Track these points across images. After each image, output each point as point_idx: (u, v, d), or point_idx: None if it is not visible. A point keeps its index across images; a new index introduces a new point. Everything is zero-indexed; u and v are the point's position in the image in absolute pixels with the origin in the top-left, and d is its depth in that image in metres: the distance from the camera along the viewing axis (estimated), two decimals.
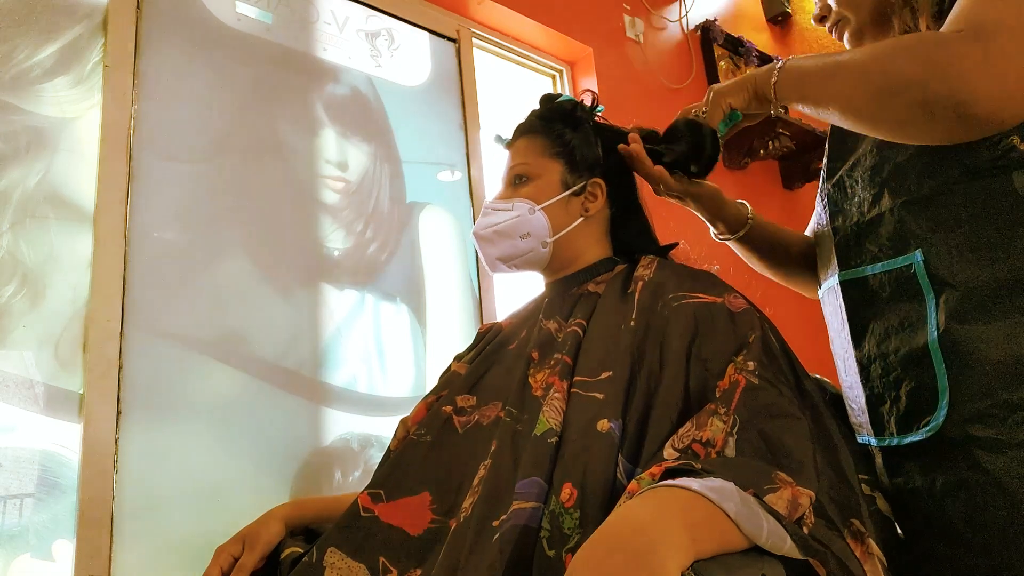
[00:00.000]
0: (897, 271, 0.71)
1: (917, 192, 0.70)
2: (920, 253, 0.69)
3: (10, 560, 0.92)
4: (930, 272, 0.68)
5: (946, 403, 0.65)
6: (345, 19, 1.53)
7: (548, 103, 1.00)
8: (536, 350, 0.85)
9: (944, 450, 0.66)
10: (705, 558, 0.51)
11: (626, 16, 2.22)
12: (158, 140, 1.17)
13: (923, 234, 0.69)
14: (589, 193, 0.94)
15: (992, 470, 0.62)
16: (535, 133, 0.96)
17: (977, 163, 0.66)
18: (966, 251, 0.66)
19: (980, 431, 0.63)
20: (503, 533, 0.65)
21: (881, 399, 0.73)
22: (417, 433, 0.86)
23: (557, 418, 0.73)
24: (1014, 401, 0.61)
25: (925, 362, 0.67)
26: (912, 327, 0.69)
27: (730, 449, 0.62)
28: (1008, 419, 0.62)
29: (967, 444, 0.64)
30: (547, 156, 0.94)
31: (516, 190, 0.94)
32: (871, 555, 0.59)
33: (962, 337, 0.65)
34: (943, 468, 0.66)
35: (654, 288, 0.82)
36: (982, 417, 0.63)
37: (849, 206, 0.78)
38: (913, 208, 0.70)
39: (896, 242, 0.72)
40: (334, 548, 0.76)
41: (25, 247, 1.02)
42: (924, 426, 0.67)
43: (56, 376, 1.00)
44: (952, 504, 0.65)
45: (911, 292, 0.70)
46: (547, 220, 0.91)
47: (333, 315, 1.33)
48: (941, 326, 0.66)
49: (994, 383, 0.63)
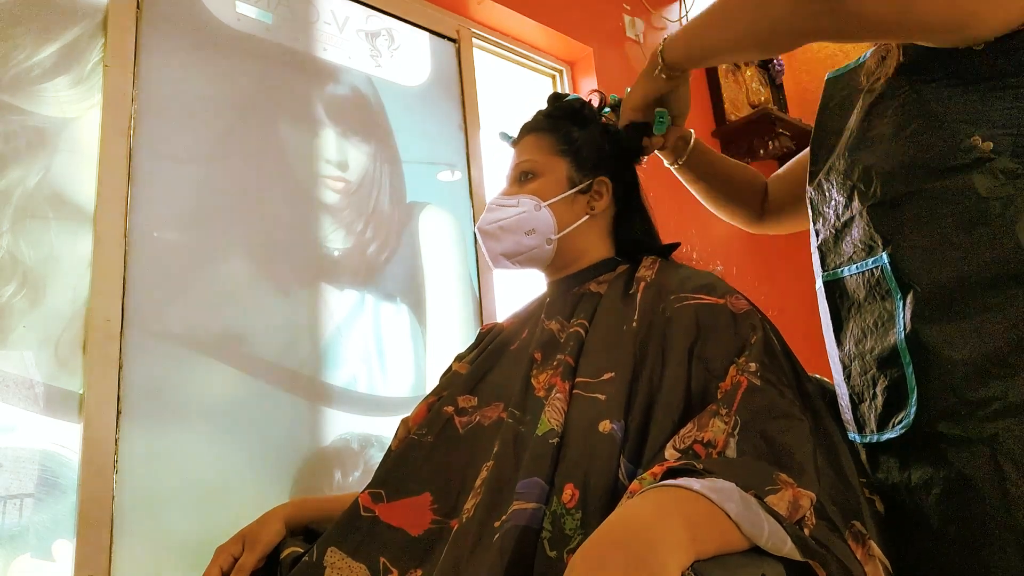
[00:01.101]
0: (868, 272, 0.73)
1: (883, 195, 0.71)
2: (887, 255, 0.70)
3: (10, 560, 0.92)
4: (896, 273, 0.69)
5: (915, 401, 0.67)
6: (345, 19, 1.53)
7: (556, 102, 1.01)
8: (539, 351, 0.85)
9: (917, 446, 0.68)
10: (705, 558, 0.51)
11: (626, 16, 2.22)
12: (158, 140, 1.17)
13: (889, 236, 0.70)
14: (595, 191, 0.94)
15: (959, 466, 0.64)
16: (542, 131, 0.97)
17: (940, 165, 0.67)
18: (930, 252, 0.67)
19: (947, 428, 0.65)
20: (504, 534, 0.65)
21: (861, 397, 0.74)
22: (418, 433, 0.86)
23: (559, 419, 0.73)
24: (977, 399, 0.63)
25: (896, 361, 0.69)
26: (884, 327, 0.71)
27: (731, 450, 0.62)
28: (972, 416, 0.63)
29: (936, 441, 0.66)
30: (554, 154, 0.94)
31: (522, 186, 0.94)
32: (872, 557, 0.59)
33: (927, 336, 0.66)
34: (916, 464, 0.68)
35: (656, 289, 0.82)
36: (949, 414, 0.64)
37: (827, 209, 0.80)
38: (880, 210, 0.71)
39: (866, 244, 0.73)
40: (334, 548, 0.76)
41: (25, 247, 1.02)
42: (898, 423, 0.69)
43: (56, 376, 1.00)
44: (926, 498, 0.67)
45: (882, 292, 0.71)
46: (552, 217, 0.91)
47: (333, 315, 1.33)
48: (908, 326, 0.68)
49: (958, 381, 0.64)
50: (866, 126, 0.76)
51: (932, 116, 0.68)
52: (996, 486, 0.61)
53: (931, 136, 0.68)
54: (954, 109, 0.67)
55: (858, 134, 0.76)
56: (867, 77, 0.77)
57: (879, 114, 0.74)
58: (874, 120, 0.75)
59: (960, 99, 0.67)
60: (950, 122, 0.67)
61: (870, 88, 0.77)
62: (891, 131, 0.72)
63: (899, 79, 0.72)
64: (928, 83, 0.70)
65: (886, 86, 0.74)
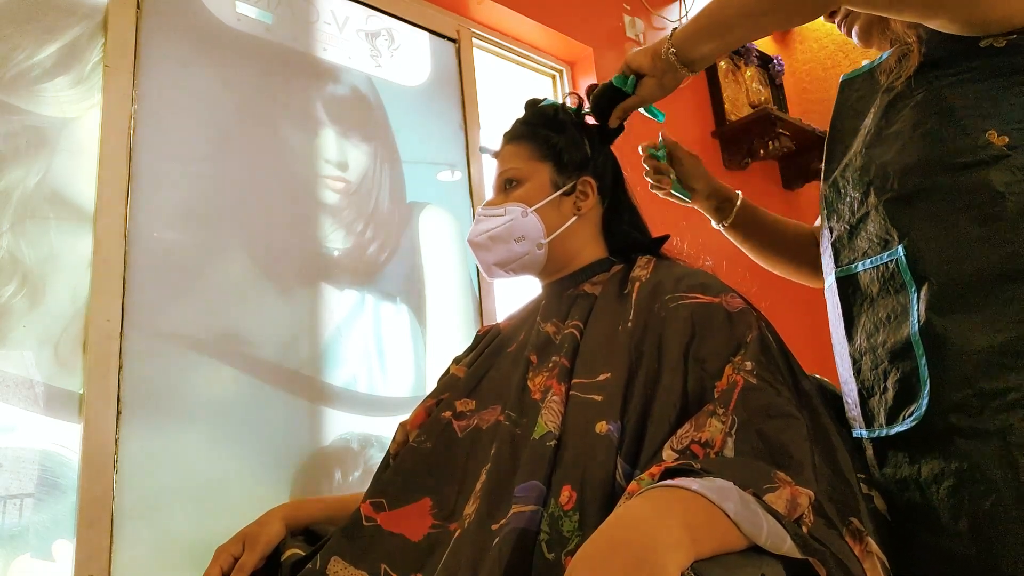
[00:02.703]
0: (883, 266, 0.73)
1: (900, 190, 0.72)
2: (902, 248, 0.71)
3: (10, 560, 0.92)
4: (912, 266, 0.70)
5: (928, 393, 0.67)
6: (345, 19, 1.53)
7: (531, 108, 1.01)
8: (534, 353, 0.85)
9: (928, 439, 0.68)
10: (704, 558, 0.51)
11: (626, 16, 2.22)
12: (158, 140, 1.17)
13: (905, 230, 0.71)
14: (580, 192, 0.94)
15: (971, 458, 0.64)
16: (521, 138, 0.97)
17: (956, 160, 0.68)
18: (946, 245, 0.68)
19: (960, 420, 0.65)
20: (502, 537, 0.65)
21: (871, 392, 0.74)
22: (417, 440, 0.86)
23: (555, 421, 0.73)
24: (991, 390, 0.63)
25: (908, 353, 0.69)
26: (898, 320, 0.71)
27: (729, 449, 0.62)
28: (985, 408, 0.63)
29: (948, 433, 0.66)
30: (535, 159, 0.95)
31: (507, 195, 0.94)
32: (870, 553, 0.59)
33: (941, 328, 0.66)
34: (927, 457, 0.68)
35: (651, 289, 0.82)
36: (961, 406, 0.65)
37: (842, 206, 0.80)
38: (896, 205, 0.72)
39: (882, 238, 0.74)
40: (337, 557, 0.76)
41: (25, 247, 1.02)
42: (909, 416, 0.69)
43: (56, 376, 1.01)
44: (936, 492, 0.67)
45: (896, 286, 0.72)
46: (540, 222, 0.92)
47: (333, 315, 1.33)
48: (922, 318, 0.68)
49: (972, 373, 0.64)
50: (883, 124, 0.76)
51: (949, 112, 0.69)
52: (1009, 478, 0.61)
53: (947, 131, 0.69)
54: (970, 104, 0.68)
55: (875, 132, 0.77)
56: (886, 75, 0.78)
57: (897, 111, 0.75)
58: (892, 117, 0.76)
59: (977, 95, 0.69)
60: (966, 117, 0.68)
61: (889, 87, 0.77)
62: (908, 128, 0.73)
63: (919, 77, 0.73)
64: (946, 80, 0.71)
65: (905, 85, 0.75)
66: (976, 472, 0.63)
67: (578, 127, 0.98)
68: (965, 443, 0.64)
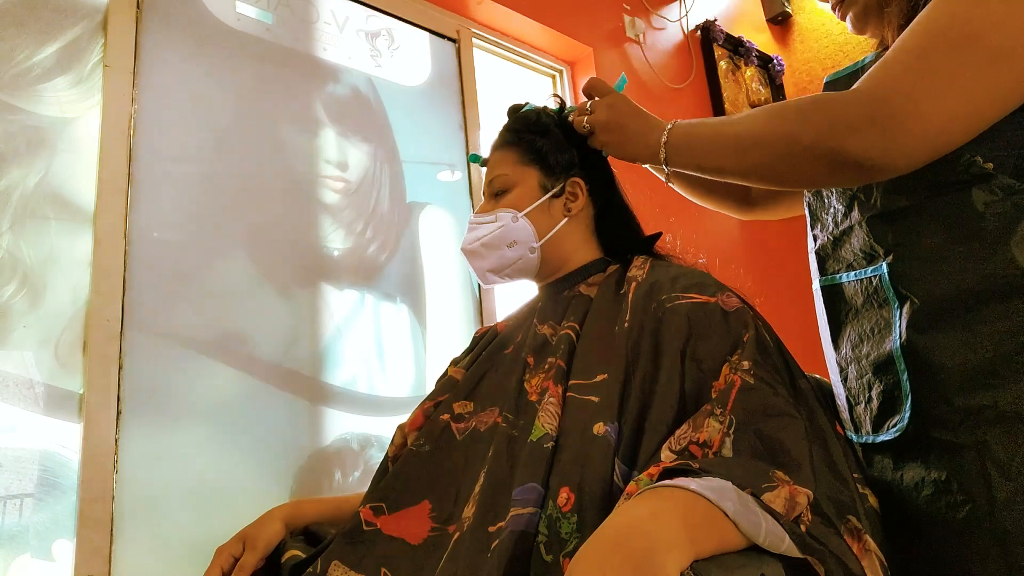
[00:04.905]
0: (867, 280, 0.74)
1: (884, 207, 0.72)
2: (886, 265, 0.72)
3: (10, 560, 0.93)
4: (894, 284, 0.71)
5: (909, 406, 0.69)
6: (345, 19, 1.54)
7: (513, 114, 1.02)
8: (531, 355, 0.85)
9: (910, 448, 0.70)
10: (704, 558, 0.51)
11: (626, 16, 2.22)
12: (158, 140, 1.17)
13: (889, 247, 0.72)
14: (569, 193, 0.94)
15: (949, 470, 0.66)
16: (507, 145, 0.97)
17: (940, 180, 0.68)
18: (927, 264, 0.69)
19: (939, 433, 0.67)
20: (501, 540, 0.65)
21: (857, 400, 0.76)
22: (416, 443, 0.86)
23: (553, 423, 0.73)
24: (968, 407, 0.65)
25: (891, 368, 0.71)
26: (881, 334, 0.73)
27: (727, 449, 0.62)
28: (963, 423, 0.65)
29: (929, 444, 0.68)
30: (522, 164, 0.95)
31: (497, 201, 0.95)
32: (868, 552, 0.59)
33: (922, 346, 0.68)
34: (909, 465, 0.70)
35: (647, 289, 0.82)
36: (941, 421, 0.67)
37: (825, 215, 0.81)
38: (880, 222, 0.73)
39: (867, 253, 0.75)
40: (338, 562, 0.77)
41: (25, 247, 1.02)
42: (893, 427, 0.71)
43: (56, 376, 1.01)
44: (915, 499, 0.69)
45: (880, 300, 0.73)
46: (531, 226, 0.92)
47: (333, 315, 1.33)
48: (903, 335, 0.69)
49: (950, 390, 0.66)
50: None
51: None
52: (983, 490, 0.63)
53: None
54: None
55: None
56: None
57: None
58: None
59: None
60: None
61: None
62: None
63: None
64: None
65: None
66: (953, 483, 0.65)
67: (562, 128, 0.97)
68: (944, 455, 0.66)
